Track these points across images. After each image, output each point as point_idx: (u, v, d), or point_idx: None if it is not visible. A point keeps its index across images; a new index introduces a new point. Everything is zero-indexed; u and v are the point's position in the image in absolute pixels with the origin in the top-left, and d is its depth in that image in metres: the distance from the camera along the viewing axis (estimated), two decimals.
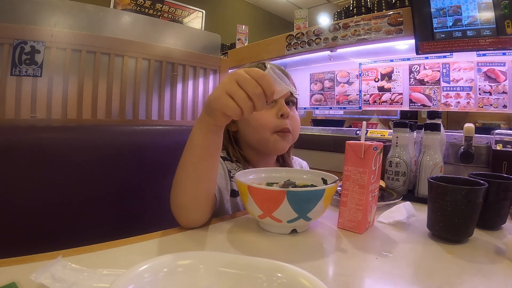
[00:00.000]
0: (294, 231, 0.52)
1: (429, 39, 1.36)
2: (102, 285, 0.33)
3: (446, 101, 1.52)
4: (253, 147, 0.74)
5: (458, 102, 1.48)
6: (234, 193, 0.69)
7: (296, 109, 0.79)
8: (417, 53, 1.41)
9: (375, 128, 1.66)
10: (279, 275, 0.28)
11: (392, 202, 0.67)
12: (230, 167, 0.71)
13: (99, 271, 0.35)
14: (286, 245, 0.48)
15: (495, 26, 1.21)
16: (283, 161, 0.82)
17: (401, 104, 1.69)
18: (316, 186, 0.54)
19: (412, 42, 1.42)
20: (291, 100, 0.75)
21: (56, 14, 1.58)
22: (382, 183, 0.77)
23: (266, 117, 0.70)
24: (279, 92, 0.45)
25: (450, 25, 1.32)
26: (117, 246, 0.45)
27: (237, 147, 0.75)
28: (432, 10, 1.35)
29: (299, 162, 0.89)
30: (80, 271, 0.35)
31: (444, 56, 1.49)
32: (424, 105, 1.60)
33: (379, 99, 1.77)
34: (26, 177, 0.72)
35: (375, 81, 1.78)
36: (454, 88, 1.49)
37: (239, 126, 0.75)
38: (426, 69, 1.58)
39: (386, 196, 0.73)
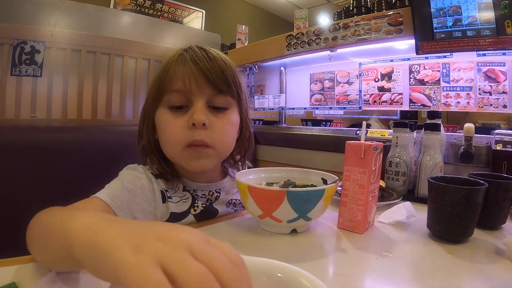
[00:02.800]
0: (294, 231, 0.52)
1: (429, 39, 1.36)
2: None
3: (446, 101, 1.51)
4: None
5: (458, 102, 1.48)
6: (174, 218, 0.55)
7: (241, 111, 0.61)
8: (417, 53, 1.40)
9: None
10: (279, 275, 0.27)
11: (392, 202, 0.67)
12: (166, 186, 0.57)
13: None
14: (286, 245, 0.48)
15: (495, 26, 1.21)
16: (227, 171, 0.68)
17: (401, 104, 1.69)
18: (316, 186, 0.54)
19: (412, 42, 1.42)
20: (219, 104, 0.56)
21: (56, 14, 1.58)
22: (382, 183, 0.77)
23: (174, 127, 0.53)
24: None
25: (450, 25, 1.32)
26: None
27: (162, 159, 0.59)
28: (432, 10, 1.35)
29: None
30: (78, 279, 0.34)
31: (444, 56, 1.49)
32: (424, 105, 1.59)
33: (379, 99, 1.76)
34: (26, 177, 0.72)
35: (375, 81, 1.78)
36: (454, 88, 1.49)
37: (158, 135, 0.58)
38: (426, 69, 1.58)
39: (386, 196, 0.73)
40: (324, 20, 4.27)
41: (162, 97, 0.54)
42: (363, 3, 1.80)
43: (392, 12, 1.48)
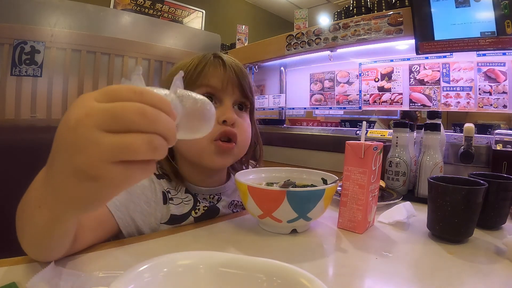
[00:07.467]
0: (294, 231, 0.52)
1: (429, 39, 1.36)
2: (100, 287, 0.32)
3: (446, 101, 1.51)
4: (187, 159, 0.58)
5: (458, 102, 1.48)
6: (174, 220, 0.54)
7: (252, 117, 0.65)
8: (417, 53, 1.40)
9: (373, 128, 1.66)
10: (279, 275, 0.27)
11: (392, 202, 0.67)
12: (168, 187, 0.57)
13: (95, 274, 0.35)
14: (286, 245, 0.48)
15: (495, 26, 1.21)
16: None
17: (401, 104, 1.69)
18: (316, 186, 0.54)
19: (412, 42, 1.42)
20: (243, 103, 0.60)
21: (56, 14, 1.58)
22: (382, 183, 0.77)
23: None
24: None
25: (450, 25, 1.31)
26: (113, 247, 0.44)
27: (172, 160, 0.59)
28: (432, 10, 1.35)
29: None
30: (76, 276, 0.34)
31: (444, 56, 1.49)
32: (424, 105, 1.59)
33: (379, 99, 1.76)
34: (26, 177, 0.72)
35: (375, 81, 1.77)
36: (454, 88, 1.49)
37: None
38: (426, 69, 1.58)
39: (386, 196, 0.73)
40: (324, 20, 4.27)
41: (192, 90, 0.55)
42: (363, 3, 1.80)
43: (392, 12, 1.48)
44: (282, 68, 2.20)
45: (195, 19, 3.48)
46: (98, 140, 0.22)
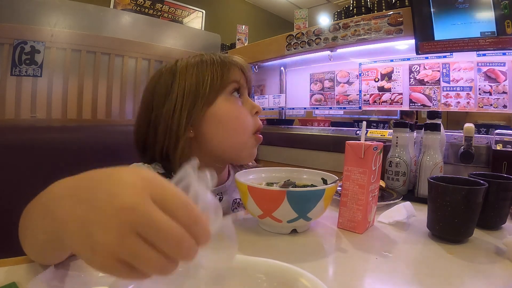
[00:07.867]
0: (294, 231, 0.52)
1: (429, 39, 1.36)
2: (100, 287, 0.32)
3: (446, 101, 1.51)
4: (218, 156, 0.57)
5: (458, 102, 1.48)
6: None
7: None
8: (417, 53, 1.40)
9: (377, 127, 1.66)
10: (279, 275, 0.27)
11: (392, 202, 0.67)
12: None
13: (95, 274, 0.35)
14: (286, 245, 0.48)
15: (495, 26, 1.21)
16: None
17: (401, 104, 1.69)
18: (316, 186, 0.54)
19: (412, 42, 1.42)
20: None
21: (56, 14, 1.58)
22: (382, 183, 0.77)
23: (246, 113, 0.57)
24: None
25: (450, 25, 1.31)
26: None
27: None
28: (432, 10, 1.35)
29: None
30: (76, 277, 0.34)
31: (444, 56, 1.49)
32: (424, 105, 1.59)
33: (379, 99, 1.76)
34: (26, 177, 0.72)
35: (375, 81, 1.77)
36: (454, 88, 1.49)
37: (202, 130, 0.56)
38: (426, 69, 1.58)
39: (386, 196, 0.73)
40: (324, 20, 4.27)
41: (225, 86, 0.57)
42: (363, 3, 1.80)
43: (392, 12, 1.48)
44: (282, 68, 2.20)
45: (195, 19, 3.48)
46: (124, 237, 0.21)
